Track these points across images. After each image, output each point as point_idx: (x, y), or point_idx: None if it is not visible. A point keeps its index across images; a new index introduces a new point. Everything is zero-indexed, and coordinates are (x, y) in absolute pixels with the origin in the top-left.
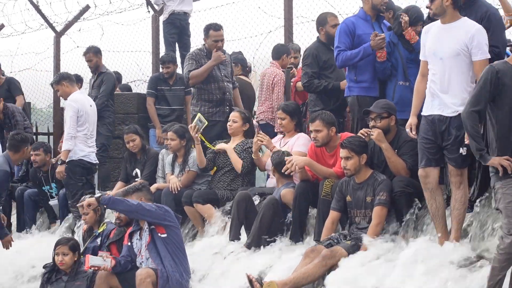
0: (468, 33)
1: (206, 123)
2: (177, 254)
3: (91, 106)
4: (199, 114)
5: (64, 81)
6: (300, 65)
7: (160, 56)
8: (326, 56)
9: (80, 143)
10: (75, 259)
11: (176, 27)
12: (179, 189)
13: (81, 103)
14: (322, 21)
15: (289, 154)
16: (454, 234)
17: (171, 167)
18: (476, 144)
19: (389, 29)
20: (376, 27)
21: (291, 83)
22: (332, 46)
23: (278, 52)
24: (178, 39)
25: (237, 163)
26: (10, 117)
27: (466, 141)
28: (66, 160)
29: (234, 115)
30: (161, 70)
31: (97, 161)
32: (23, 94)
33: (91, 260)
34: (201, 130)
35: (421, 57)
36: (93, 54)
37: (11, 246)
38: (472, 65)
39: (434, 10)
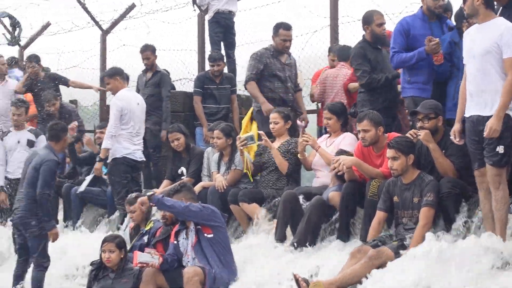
0: (498, 31)
1: (256, 143)
2: (224, 254)
3: (138, 104)
4: (255, 132)
5: (117, 76)
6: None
7: (208, 55)
8: (372, 55)
9: (125, 141)
10: (122, 256)
11: (221, 26)
12: (225, 187)
13: (126, 101)
14: (368, 19)
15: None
16: (499, 235)
17: (217, 166)
18: None
19: (450, 29)
20: (436, 27)
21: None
22: (378, 45)
23: (347, 53)
24: (223, 37)
25: (282, 164)
26: (66, 116)
27: None
28: (112, 158)
29: (274, 116)
30: (208, 68)
31: (143, 159)
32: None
33: (139, 257)
34: (247, 146)
35: (464, 61)
36: (151, 53)
37: (57, 239)
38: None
39: (467, 11)
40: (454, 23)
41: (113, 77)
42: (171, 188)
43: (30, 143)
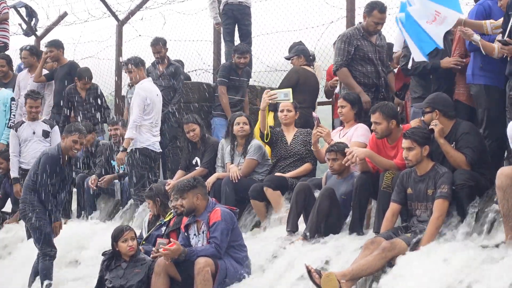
0: None
1: (291, 100)
2: (236, 250)
3: (157, 95)
4: (290, 90)
5: (142, 66)
6: None
7: (235, 46)
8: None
9: (147, 132)
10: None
11: (230, 17)
12: (239, 177)
13: (149, 92)
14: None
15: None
16: None
17: (231, 157)
18: None
19: None
20: None
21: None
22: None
23: None
24: (238, 28)
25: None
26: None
27: None
28: (131, 148)
29: (285, 105)
30: (224, 59)
31: (161, 150)
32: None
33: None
34: (276, 101)
35: None
36: (162, 46)
37: (59, 231)
38: None
39: None
40: None
41: (138, 67)
42: (186, 185)
43: (45, 134)
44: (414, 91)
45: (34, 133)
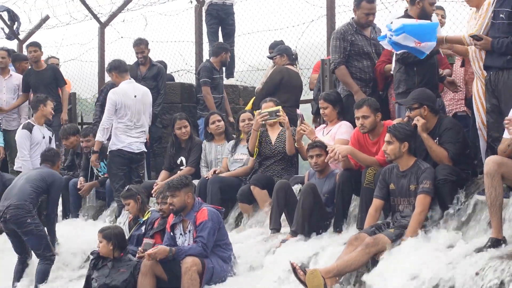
0: None
1: (276, 119)
2: (222, 249)
3: (135, 96)
4: (280, 107)
5: (114, 71)
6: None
7: (223, 44)
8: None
9: (121, 134)
10: (111, 247)
11: (214, 17)
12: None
13: (121, 94)
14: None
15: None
16: None
17: (232, 150)
18: None
19: None
20: None
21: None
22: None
23: None
24: (221, 28)
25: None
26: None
27: None
28: (108, 151)
29: (270, 105)
30: (214, 58)
31: (141, 150)
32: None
33: (144, 245)
34: (267, 120)
35: None
36: (145, 46)
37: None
38: None
39: None
40: None
41: (110, 73)
42: (178, 183)
43: (49, 139)
44: (398, 86)
45: (43, 137)
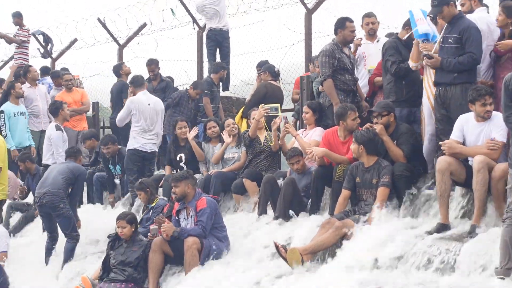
0: None
1: (279, 115)
2: (218, 231)
3: (149, 104)
4: (279, 105)
5: (131, 84)
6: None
7: (215, 64)
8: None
9: (138, 136)
10: (133, 230)
11: (213, 40)
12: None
13: (137, 103)
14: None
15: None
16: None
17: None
18: None
19: None
20: None
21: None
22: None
23: None
24: (219, 50)
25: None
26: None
27: None
28: (126, 150)
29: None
30: (214, 75)
31: (153, 150)
32: None
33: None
34: (269, 114)
35: None
36: (155, 66)
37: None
38: None
39: None
40: None
41: (130, 85)
42: (179, 176)
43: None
44: (388, 96)
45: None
